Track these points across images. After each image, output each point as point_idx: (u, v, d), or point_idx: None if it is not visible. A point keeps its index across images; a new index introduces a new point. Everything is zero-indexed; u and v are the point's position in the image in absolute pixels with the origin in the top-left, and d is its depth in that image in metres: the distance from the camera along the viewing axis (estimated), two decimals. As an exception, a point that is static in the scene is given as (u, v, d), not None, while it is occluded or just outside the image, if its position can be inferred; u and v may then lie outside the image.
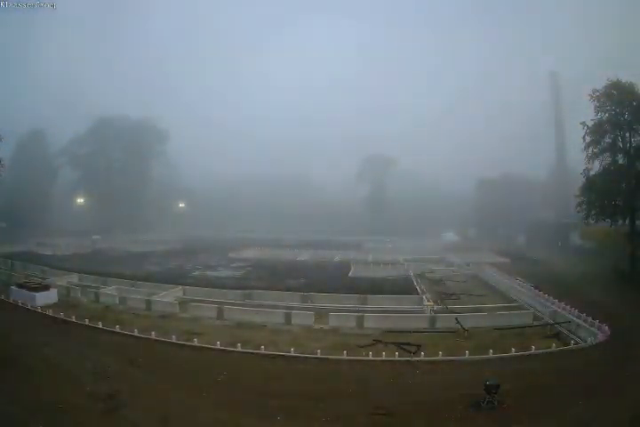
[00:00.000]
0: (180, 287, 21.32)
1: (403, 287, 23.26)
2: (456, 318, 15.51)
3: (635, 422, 8.82)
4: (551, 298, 18.45)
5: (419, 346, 13.40)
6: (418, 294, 21.03)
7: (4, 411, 8.94)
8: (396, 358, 12.26)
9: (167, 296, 19.76)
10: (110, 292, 20.26)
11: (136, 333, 14.15)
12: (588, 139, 28.19)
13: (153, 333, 13.96)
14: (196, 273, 28.43)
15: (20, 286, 19.27)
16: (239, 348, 12.78)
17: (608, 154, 27.65)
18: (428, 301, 18.79)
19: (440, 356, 12.28)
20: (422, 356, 12.45)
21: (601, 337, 13.71)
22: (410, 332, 14.96)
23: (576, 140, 31.06)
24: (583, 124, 28.31)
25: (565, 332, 15.15)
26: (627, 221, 28.16)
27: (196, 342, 13.32)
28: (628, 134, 27.11)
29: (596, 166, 27.92)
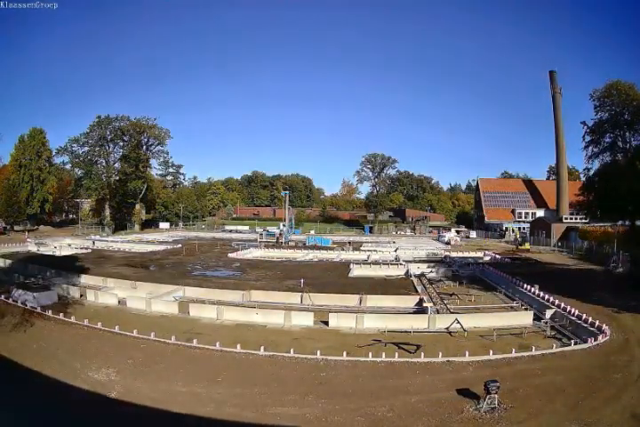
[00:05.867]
0: (180, 287, 21.31)
1: (403, 287, 23.26)
2: (456, 319, 15.50)
3: (634, 421, 8.80)
4: (551, 298, 18.43)
5: (418, 346, 13.41)
6: (418, 294, 21.01)
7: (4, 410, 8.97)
8: (396, 358, 12.25)
9: (167, 296, 19.76)
10: (110, 292, 20.26)
11: (135, 333, 14.13)
12: (587, 138, 28.27)
13: (152, 333, 13.94)
14: (196, 273, 28.45)
15: (20, 286, 19.27)
16: (238, 348, 12.76)
17: (608, 154, 27.69)
18: (428, 301, 18.77)
19: (439, 356, 12.26)
20: (422, 356, 12.42)
21: (601, 338, 13.68)
22: (409, 332, 14.97)
23: (576, 141, 31.17)
24: (583, 123, 28.38)
25: (566, 332, 15.14)
26: (627, 221, 28.20)
27: (195, 342, 13.30)
28: (627, 134, 27.14)
29: (596, 166, 28.02)
